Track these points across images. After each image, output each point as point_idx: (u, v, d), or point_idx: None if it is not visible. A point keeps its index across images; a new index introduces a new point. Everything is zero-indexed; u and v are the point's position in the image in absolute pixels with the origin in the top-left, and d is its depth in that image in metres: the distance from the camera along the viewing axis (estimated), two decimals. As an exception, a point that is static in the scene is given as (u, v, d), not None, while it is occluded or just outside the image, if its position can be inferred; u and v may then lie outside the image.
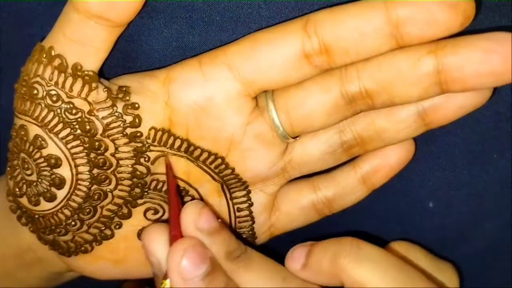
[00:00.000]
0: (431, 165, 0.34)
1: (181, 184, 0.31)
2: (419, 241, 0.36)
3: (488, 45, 0.25)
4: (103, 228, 0.31)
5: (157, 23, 0.30)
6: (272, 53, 0.27)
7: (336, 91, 0.28)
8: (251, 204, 0.32)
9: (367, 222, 0.36)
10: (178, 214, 0.28)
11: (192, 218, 0.28)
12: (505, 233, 0.36)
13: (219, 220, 0.29)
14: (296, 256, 0.29)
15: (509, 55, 0.25)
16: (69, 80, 0.28)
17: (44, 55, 0.28)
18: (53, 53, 0.28)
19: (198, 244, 0.28)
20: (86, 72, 0.28)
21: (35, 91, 0.28)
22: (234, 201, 0.32)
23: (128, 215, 0.31)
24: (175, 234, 0.28)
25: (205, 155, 0.30)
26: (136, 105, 0.29)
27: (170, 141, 0.29)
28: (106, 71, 0.30)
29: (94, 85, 0.28)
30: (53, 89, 0.28)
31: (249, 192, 0.31)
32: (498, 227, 0.36)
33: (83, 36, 0.28)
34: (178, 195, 0.30)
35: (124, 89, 0.29)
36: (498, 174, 0.34)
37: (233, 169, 0.30)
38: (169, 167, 0.30)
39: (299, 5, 0.30)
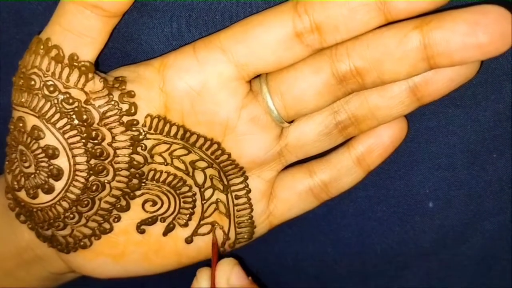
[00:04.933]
0: (431, 165, 0.34)
1: (179, 173, 0.31)
2: (419, 241, 0.36)
3: (473, 17, 0.26)
4: (101, 221, 0.31)
5: (157, 22, 0.31)
6: (264, 34, 0.28)
7: (327, 71, 0.29)
8: (249, 191, 0.32)
9: (367, 222, 0.36)
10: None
11: (225, 274, 0.31)
12: (504, 233, 0.36)
13: (249, 277, 0.31)
14: None
15: (494, 26, 0.26)
16: (66, 71, 0.28)
17: (41, 47, 0.29)
18: (49, 44, 0.28)
19: None
20: (82, 63, 0.29)
21: (33, 82, 0.29)
22: (232, 188, 0.32)
23: (127, 208, 0.31)
24: None
25: (201, 141, 0.30)
26: (132, 93, 0.29)
27: (166, 128, 0.30)
28: (106, 70, 0.31)
29: (90, 75, 0.29)
30: (50, 80, 0.29)
31: (246, 178, 0.31)
32: (498, 226, 0.36)
33: (79, 27, 0.28)
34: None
35: (120, 78, 0.29)
36: (497, 174, 0.34)
37: (229, 155, 0.31)
38: (214, 243, 0.33)
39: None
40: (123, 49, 0.32)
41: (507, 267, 0.37)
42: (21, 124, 0.29)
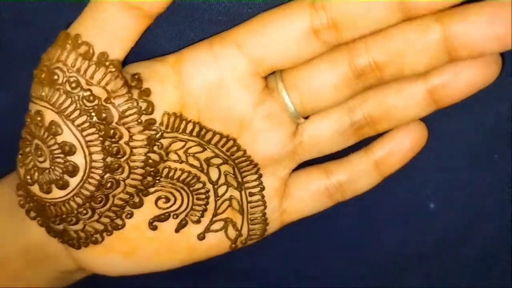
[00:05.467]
0: (432, 166, 0.34)
1: (193, 171, 0.31)
2: (420, 242, 0.37)
3: (492, 10, 0.26)
4: (114, 217, 0.31)
5: (158, 23, 0.30)
6: (281, 30, 0.28)
7: (344, 65, 0.29)
8: (263, 188, 0.32)
9: (368, 223, 0.37)
10: None
11: None
12: (505, 234, 0.36)
13: None
14: None
15: (509, 19, 0.26)
16: (92, 68, 0.28)
17: (70, 41, 0.28)
18: (79, 40, 0.28)
19: None
20: (112, 61, 0.28)
21: (56, 77, 0.28)
22: (246, 185, 0.32)
23: (140, 204, 0.31)
24: None
25: (216, 137, 0.30)
26: (149, 91, 0.29)
27: (182, 125, 0.30)
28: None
29: (116, 74, 0.28)
30: (73, 76, 0.28)
31: (260, 176, 0.32)
32: (499, 228, 0.36)
33: (113, 25, 0.28)
34: None
35: (136, 76, 0.29)
36: (498, 174, 0.34)
37: (244, 151, 0.31)
38: None
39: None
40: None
41: (507, 268, 0.37)
42: (39, 118, 0.29)
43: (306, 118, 0.31)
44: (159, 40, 0.31)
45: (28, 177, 0.30)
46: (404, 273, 0.37)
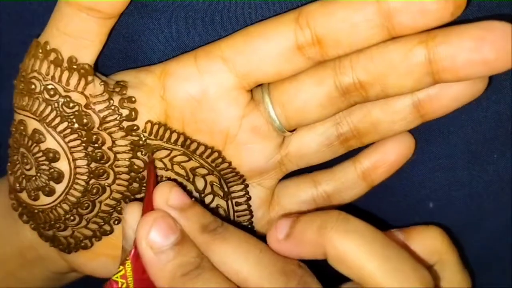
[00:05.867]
0: (431, 165, 0.34)
1: (179, 179, 0.31)
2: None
3: (479, 33, 0.25)
4: (102, 223, 0.32)
5: (157, 23, 0.31)
6: (265, 45, 0.28)
7: (330, 83, 0.28)
8: (249, 198, 0.32)
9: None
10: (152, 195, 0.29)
11: (164, 196, 0.29)
12: (505, 233, 0.36)
13: (192, 199, 0.29)
14: (280, 226, 0.29)
15: (500, 43, 0.25)
16: (65, 74, 0.29)
17: (40, 50, 0.29)
18: (48, 48, 0.28)
19: (167, 216, 0.28)
20: (81, 65, 0.29)
21: (33, 86, 0.29)
22: (232, 195, 0.32)
23: None
24: (148, 211, 0.28)
25: (201, 148, 0.30)
26: (133, 99, 0.29)
27: (167, 134, 0.30)
28: (106, 72, 0.31)
29: (90, 78, 0.29)
30: (50, 84, 0.29)
31: (246, 186, 0.31)
32: (498, 227, 0.35)
33: (76, 29, 0.28)
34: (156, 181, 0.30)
35: (121, 83, 0.29)
36: (498, 174, 0.34)
37: (229, 163, 0.30)
38: (151, 161, 0.30)
39: (299, 6, 0.30)
40: (123, 50, 0.32)
41: (507, 267, 0.37)
42: (22, 127, 0.29)
43: (293, 131, 0.31)
44: (158, 41, 0.31)
45: (17, 184, 0.31)
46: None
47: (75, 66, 0.28)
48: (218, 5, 0.30)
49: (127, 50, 0.32)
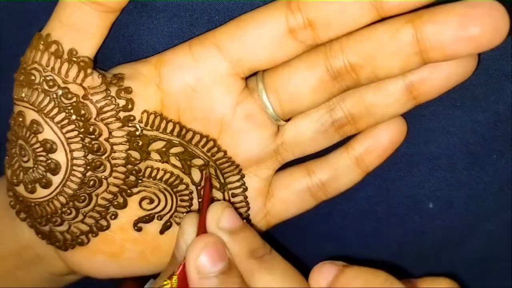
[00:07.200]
0: (431, 165, 0.34)
1: (175, 171, 0.31)
2: (419, 242, 0.36)
3: (465, 10, 0.26)
4: (98, 218, 0.31)
5: (157, 23, 0.31)
6: (257, 30, 0.28)
7: (321, 67, 0.29)
8: (246, 189, 0.32)
9: (367, 223, 0.36)
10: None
11: (215, 217, 0.29)
12: (505, 234, 0.35)
13: (244, 220, 0.29)
14: (325, 272, 0.28)
15: (485, 19, 0.25)
16: (65, 66, 0.29)
17: (42, 42, 0.29)
18: (49, 40, 0.29)
19: (219, 241, 0.28)
20: (81, 58, 0.29)
21: (33, 77, 0.29)
22: (229, 186, 0.32)
23: (124, 205, 0.31)
24: (201, 231, 0.29)
25: (197, 137, 0.30)
26: (129, 89, 0.30)
27: (163, 125, 0.30)
28: (107, 71, 0.31)
29: (89, 70, 0.29)
30: (49, 75, 0.29)
31: (243, 176, 0.31)
32: (498, 227, 0.35)
33: (78, 22, 0.29)
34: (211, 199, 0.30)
35: (118, 75, 0.30)
36: (497, 174, 0.34)
37: (225, 152, 0.31)
38: (207, 177, 0.31)
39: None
40: (124, 49, 0.32)
41: (507, 268, 0.36)
42: (20, 119, 0.30)
43: (288, 120, 0.31)
44: (158, 41, 0.31)
45: (14, 177, 0.31)
46: (404, 273, 0.36)
47: (75, 59, 0.29)
48: (218, 5, 0.31)
49: (127, 49, 0.32)
